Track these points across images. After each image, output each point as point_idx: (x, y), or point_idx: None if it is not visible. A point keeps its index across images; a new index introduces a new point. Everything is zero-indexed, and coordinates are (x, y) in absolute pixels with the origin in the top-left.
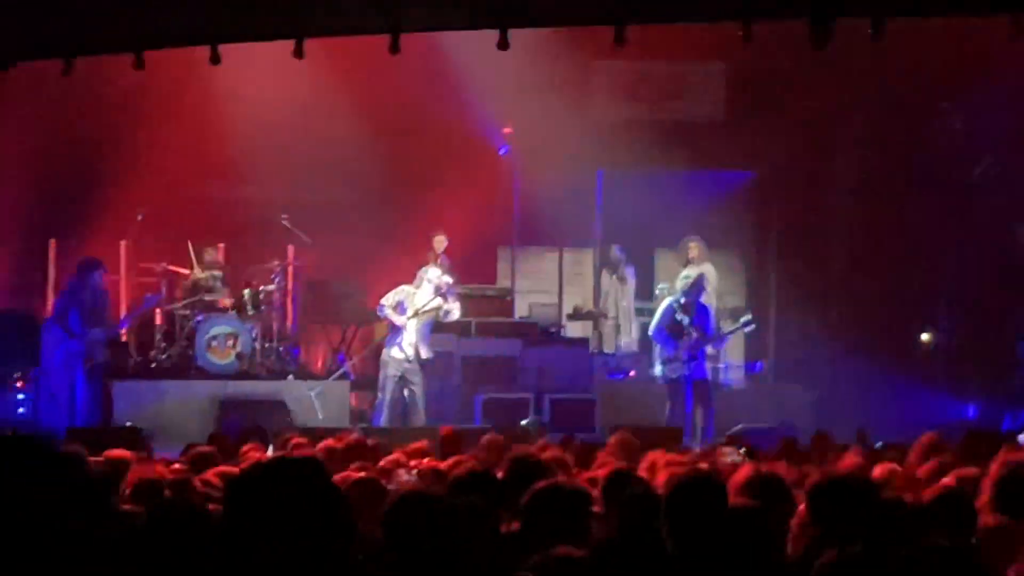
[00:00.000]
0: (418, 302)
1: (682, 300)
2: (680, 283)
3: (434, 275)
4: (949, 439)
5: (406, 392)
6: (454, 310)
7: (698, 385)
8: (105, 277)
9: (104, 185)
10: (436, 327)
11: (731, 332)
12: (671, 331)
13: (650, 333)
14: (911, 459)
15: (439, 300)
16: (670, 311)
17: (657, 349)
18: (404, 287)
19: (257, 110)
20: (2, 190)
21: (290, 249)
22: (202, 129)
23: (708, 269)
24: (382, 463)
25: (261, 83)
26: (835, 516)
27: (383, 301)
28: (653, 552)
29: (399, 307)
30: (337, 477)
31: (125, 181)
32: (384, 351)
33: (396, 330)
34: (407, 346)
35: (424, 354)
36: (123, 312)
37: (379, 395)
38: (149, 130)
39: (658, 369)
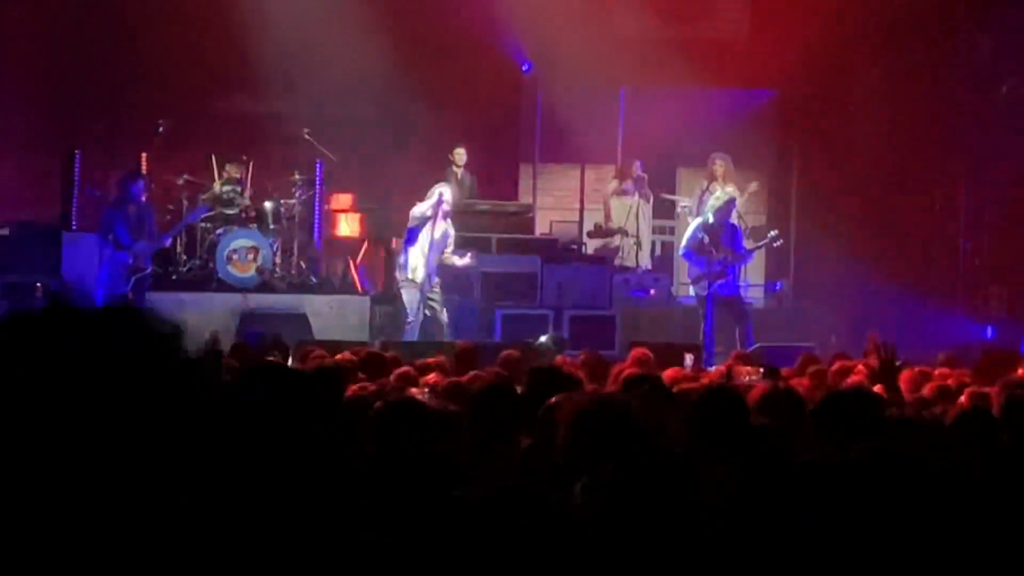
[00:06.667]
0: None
1: (710, 220)
2: (711, 202)
3: (447, 194)
4: (966, 359)
5: (428, 311)
6: (456, 260)
7: (732, 302)
8: (147, 188)
9: (126, 97)
10: (456, 242)
11: (759, 247)
12: (699, 251)
13: (680, 253)
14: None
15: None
16: (697, 231)
17: (687, 268)
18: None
19: (280, 24)
20: (22, 102)
21: (315, 163)
22: (225, 42)
23: (733, 191)
24: (393, 377)
25: None
26: (840, 431)
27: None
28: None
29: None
30: (349, 390)
31: (147, 93)
32: (398, 272)
33: (404, 250)
34: (413, 269)
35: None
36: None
37: (408, 316)
38: (171, 41)
39: (691, 289)
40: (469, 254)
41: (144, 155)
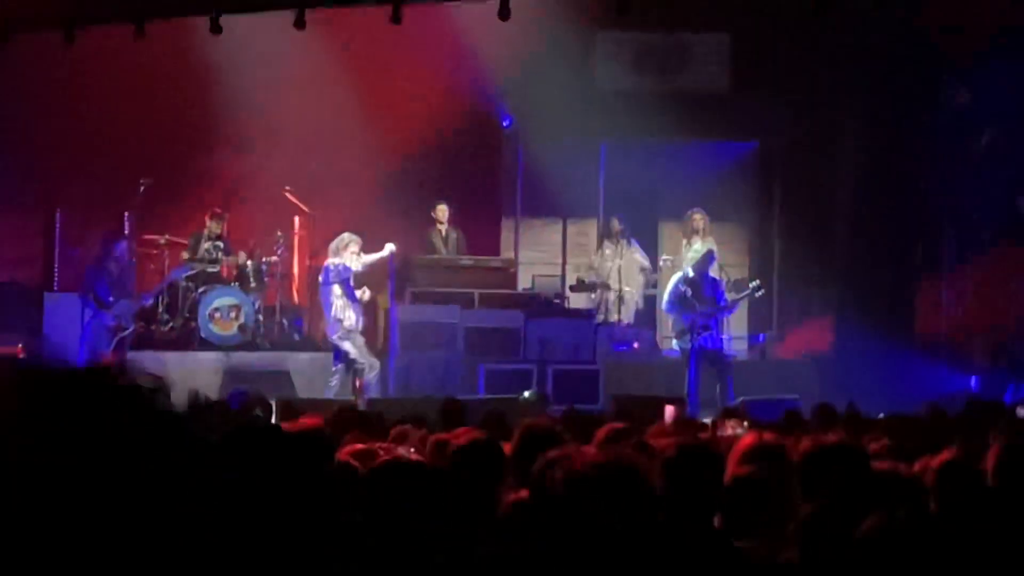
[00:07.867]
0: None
1: (690, 274)
2: (690, 256)
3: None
4: (950, 410)
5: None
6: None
7: (715, 356)
8: (129, 248)
9: (107, 156)
10: (439, 298)
11: (741, 298)
12: (681, 304)
13: (662, 307)
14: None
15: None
16: (679, 285)
17: (671, 322)
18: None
19: (259, 81)
20: (2, 162)
21: (295, 220)
22: (205, 100)
23: (711, 243)
24: (393, 434)
25: (263, 54)
26: (825, 485)
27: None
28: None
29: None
30: (344, 452)
31: (128, 152)
32: (335, 331)
33: (327, 304)
34: (340, 320)
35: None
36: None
37: (359, 361)
38: (152, 101)
39: (674, 343)
40: (364, 287)
41: (126, 214)
